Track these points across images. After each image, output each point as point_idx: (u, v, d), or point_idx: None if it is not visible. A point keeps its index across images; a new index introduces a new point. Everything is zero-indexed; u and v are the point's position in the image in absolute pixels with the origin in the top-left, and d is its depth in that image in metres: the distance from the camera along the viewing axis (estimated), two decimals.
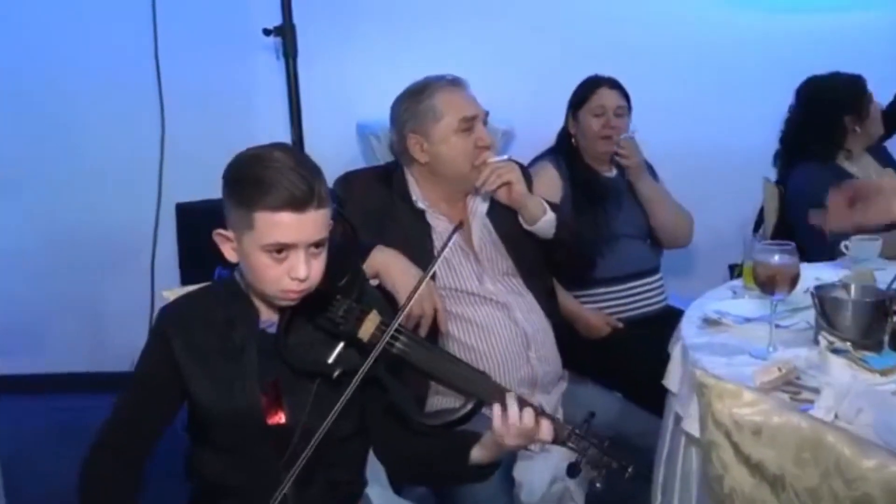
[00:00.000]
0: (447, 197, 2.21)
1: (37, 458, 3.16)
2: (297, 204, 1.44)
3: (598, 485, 1.48)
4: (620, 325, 2.67)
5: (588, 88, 2.81)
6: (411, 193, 2.19)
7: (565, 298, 2.60)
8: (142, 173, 3.22)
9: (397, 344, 1.54)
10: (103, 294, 3.68)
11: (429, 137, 2.13)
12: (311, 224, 1.47)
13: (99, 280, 3.66)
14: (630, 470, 1.47)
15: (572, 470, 1.49)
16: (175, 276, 3.05)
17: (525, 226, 2.21)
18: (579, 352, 2.43)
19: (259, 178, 1.44)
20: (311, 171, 1.48)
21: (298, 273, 1.47)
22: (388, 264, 1.94)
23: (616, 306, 2.72)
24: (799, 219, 2.73)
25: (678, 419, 1.86)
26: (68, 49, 3.43)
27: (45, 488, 2.93)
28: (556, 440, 1.48)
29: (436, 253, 1.98)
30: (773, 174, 2.97)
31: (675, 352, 1.99)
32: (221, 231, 1.53)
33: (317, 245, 1.49)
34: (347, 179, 2.24)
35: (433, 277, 2.08)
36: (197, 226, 3.09)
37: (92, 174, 3.53)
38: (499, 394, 1.51)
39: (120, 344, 3.57)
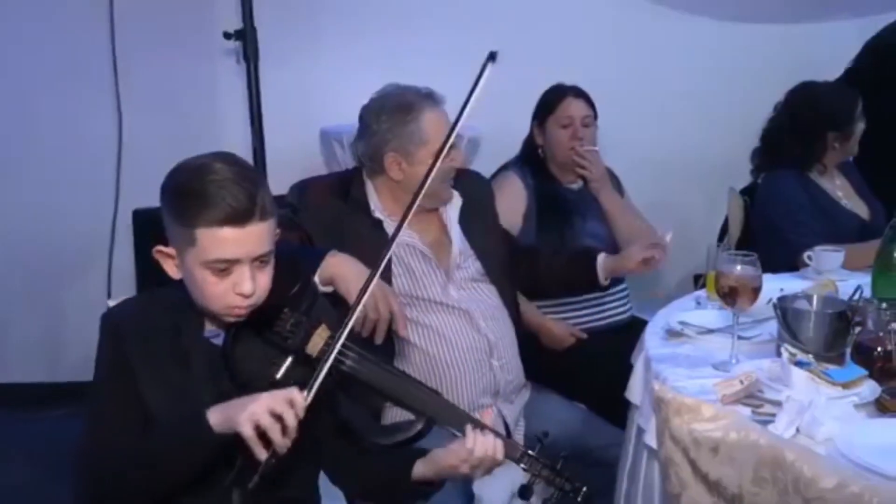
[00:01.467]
0: (415, 210, 2.17)
1: None
2: (239, 218, 1.39)
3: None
4: (584, 335, 2.64)
5: (553, 98, 2.78)
6: (369, 203, 2.16)
7: (529, 309, 2.57)
8: (98, 179, 3.14)
9: (347, 361, 1.50)
10: (59, 302, 3.59)
11: (409, 159, 2.11)
12: (255, 238, 1.42)
13: (55, 288, 3.57)
14: (584, 491, 1.45)
15: (524, 491, 1.48)
16: (132, 283, 2.98)
17: None
18: (543, 363, 2.41)
19: (198, 192, 1.39)
20: (253, 182, 1.43)
21: (244, 289, 1.43)
22: (341, 269, 1.90)
23: (580, 317, 2.68)
24: (764, 224, 2.74)
25: (640, 432, 1.84)
26: (22, 49, 3.34)
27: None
28: (510, 458, 1.47)
29: (382, 259, 1.95)
30: (739, 184, 2.96)
31: (638, 364, 1.98)
32: (162, 248, 1.48)
33: (261, 258, 1.45)
34: (302, 188, 2.21)
35: (389, 283, 2.04)
36: (155, 233, 3.00)
37: (47, 180, 3.44)
38: (450, 413, 1.50)
39: (76, 353, 3.50)
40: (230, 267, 1.42)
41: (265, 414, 1.34)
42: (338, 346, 1.45)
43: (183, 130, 3.29)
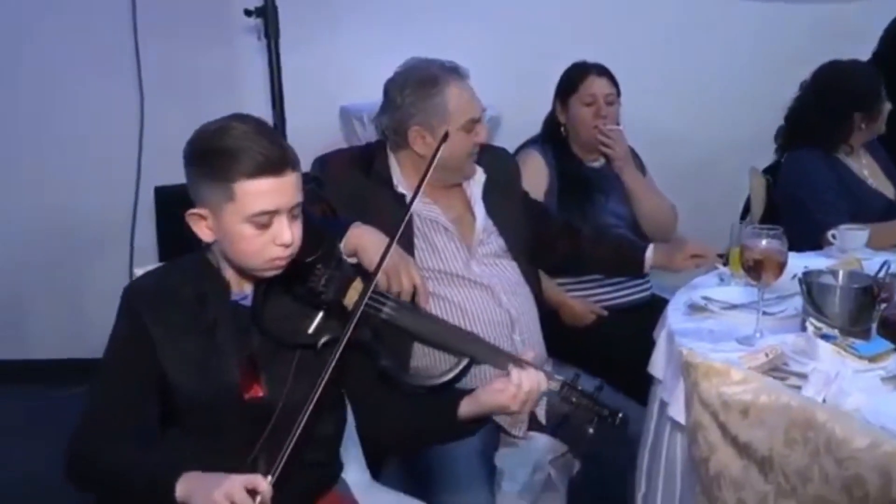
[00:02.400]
0: (438, 185, 2.17)
1: (9, 445, 3.11)
2: (275, 167, 1.42)
3: (590, 430, 1.51)
4: (605, 312, 2.63)
5: (576, 76, 2.76)
6: (392, 177, 2.15)
7: (549, 286, 2.56)
8: (120, 156, 3.15)
9: (385, 309, 1.53)
10: (82, 279, 3.61)
11: (433, 132, 2.10)
12: (290, 186, 1.45)
13: (78, 265, 3.60)
14: (620, 416, 1.50)
15: (566, 420, 1.60)
16: (154, 260, 2.99)
17: None
18: (563, 340, 2.40)
19: (230, 148, 1.42)
20: (275, 134, 1.48)
21: (284, 238, 1.45)
22: (364, 240, 1.90)
23: (601, 294, 2.68)
24: (788, 203, 2.72)
25: (663, 406, 1.83)
26: (45, 31, 3.36)
27: (22, 474, 2.89)
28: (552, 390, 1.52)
29: (402, 224, 1.95)
30: (761, 163, 2.94)
31: (661, 338, 1.97)
32: (195, 210, 1.48)
33: (295, 209, 1.48)
34: (324, 161, 2.21)
35: (412, 256, 2.04)
36: (176, 210, 3.02)
37: (70, 158, 3.47)
38: (490, 353, 1.53)
39: (99, 330, 3.49)
40: (270, 219, 1.44)
41: (225, 502, 1.32)
42: (370, 289, 1.47)
43: (204, 108, 3.26)
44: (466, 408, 1.51)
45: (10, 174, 3.52)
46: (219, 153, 1.42)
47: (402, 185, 2.15)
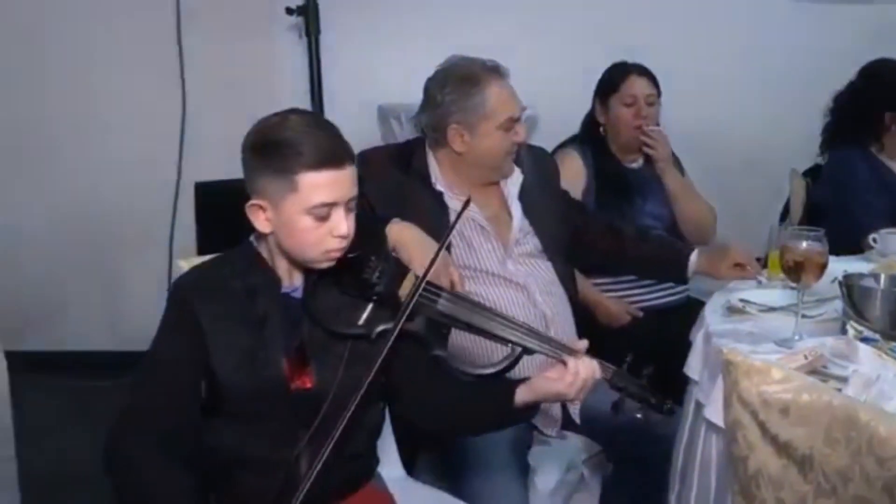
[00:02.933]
0: (476, 183, 2.18)
1: (52, 435, 3.16)
2: (336, 160, 1.46)
3: (639, 415, 1.58)
4: (640, 314, 2.63)
5: (617, 76, 2.75)
6: (430, 174, 2.16)
7: (585, 286, 2.56)
8: (162, 152, 3.20)
9: (441, 300, 1.56)
10: (122, 273, 3.67)
11: (472, 131, 2.11)
12: (349, 179, 1.49)
13: (117, 260, 3.66)
14: (668, 403, 1.58)
15: (616, 407, 1.58)
16: (193, 256, 3.03)
17: None
18: (598, 340, 2.39)
19: (293, 140, 1.45)
20: (335, 128, 1.51)
21: (341, 230, 1.49)
22: (403, 236, 1.91)
23: (637, 295, 2.68)
24: (828, 204, 2.69)
25: (699, 407, 1.82)
26: (91, 26, 3.42)
27: (59, 466, 2.94)
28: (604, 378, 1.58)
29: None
30: (802, 165, 2.91)
31: (698, 339, 1.96)
32: (256, 202, 1.50)
33: (351, 202, 1.51)
34: (363, 157, 2.22)
35: (449, 252, 2.06)
36: (215, 205, 3.09)
37: (112, 153, 3.53)
38: (543, 343, 1.57)
39: (137, 324, 3.55)
40: (328, 211, 1.47)
41: None
42: (423, 281, 1.51)
43: (244, 104, 3.31)
44: (521, 395, 1.54)
45: (52, 168, 3.59)
46: (282, 145, 1.45)
47: (441, 182, 2.16)
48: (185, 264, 1.98)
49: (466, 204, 1.62)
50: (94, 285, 3.70)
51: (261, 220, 1.51)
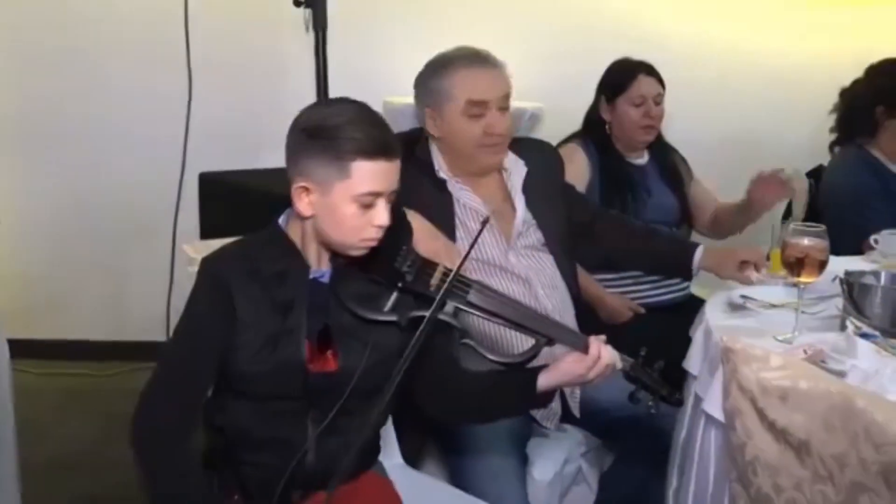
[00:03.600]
0: (468, 171, 2.18)
1: (52, 423, 3.18)
2: (390, 151, 1.50)
3: (652, 409, 1.67)
4: (642, 310, 2.64)
5: (625, 75, 2.74)
6: (433, 163, 2.17)
7: (588, 282, 2.57)
8: (166, 142, 3.19)
9: (471, 291, 1.60)
10: (125, 263, 3.69)
11: (441, 115, 2.11)
12: (395, 172, 1.53)
13: (121, 248, 3.67)
14: (678, 394, 1.71)
15: (632, 397, 1.67)
16: (197, 250, 3.04)
17: None
18: (599, 335, 2.40)
19: (351, 128, 1.47)
20: (384, 119, 1.55)
21: (382, 220, 1.52)
22: (413, 226, 1.92)
23: (638, 292, 2.68)
24: (830, 206, 2.70)
25: (697, 400, 1.83)
26: (97, 16, 3.43)
27: (58, 452, 2.95)
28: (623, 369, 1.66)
29: (458, 223, 2.04)
30: (807, 166, 2.92)
31: (698, 334, 1.97)
32: (303, 184, 1.51)
33: (393, 194, 1.54)
34: None
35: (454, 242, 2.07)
36: (219, 196, 3.11)
37: (117, 142, 3.55)
38: (565, 333, 1.65)
39: (139, 313, 3.60)
40: (374, 200, 1.50)
41: None
42: (455, 273, 1.57)
43: (250, 97, 3.36)
44: (543, 381, 1.61)
45: (57, 156, 3.60)
46: (338, 130, 1.47)
47: (443, 170, 2.16)
48: (189, 249, 2.00)
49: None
50: (97, 275, 3.72)
51: (303, 203, 1.52)
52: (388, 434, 1.98)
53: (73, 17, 3.46)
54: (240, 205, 2.89)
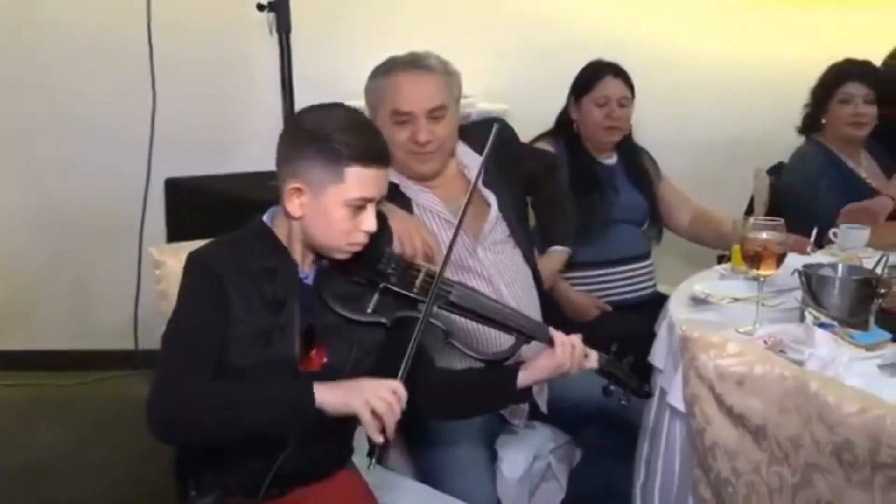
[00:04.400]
0: (414, 178, 2.17)
1: (21, 432, 3.15)
2: (383, 159, 1.54)
3: (623, 402, 1.73)
4: (609, 308, 2.66)
5: (592, 76, 2.77)
6: None
7: (554, 280, 2.58)
8: (131, 148, 3.17)
9: (454, 291, 1.64)
10: (91, 270, 3.66)
11: (377, 118, 2.11)
12: (386, 179, 1.57)
13: (87, 256, 3.64)
14: (647, 387, 1.78)
15: (607, 391, 1.73)
16: (163, 253, 3.02)
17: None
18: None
19: (348, 133, 1.49)
20: (378, 129, 1.59)
21: (370, 226, 1.54)
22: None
23: (605, 289, 2.71)
24: (789, 203, 2.76)
25: (663, 394, 1.86)
26: (57, 21, 3.41)
27: (30, 463, 2.92)
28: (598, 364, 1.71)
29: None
30: (768, 164, 2.98)
31: (662, 329, 2.00)
32: (296, 184, 1.52)
33: (382, 200, 1.58)
34: None
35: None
36: (186, 202, 3.09)
37: (81, 148, 3.52)
38: (540, 330, 1.70)
39: (106, 321, 3.56)
40: (364, 206, 1.52)
41: (379, 401, 1.41)
42: (440, 276, 1.61)
43: (215, 101, 3.34)
44: (523, 378, 1.66)
45: (20, 163, 3.56)
46: (335, 134, 1.49)
47: (393, 173, 2.14)
48: (155, 251, 1.99)
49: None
50: (63, 283, 3.68)
51: (294, 204, 1.53)
52: (360, 433, 1.98)
53: (36, 23, 3.43)
54: (206, 210, 2.89)
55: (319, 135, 1.50)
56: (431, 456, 2.00)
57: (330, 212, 1.51)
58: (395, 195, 2.11)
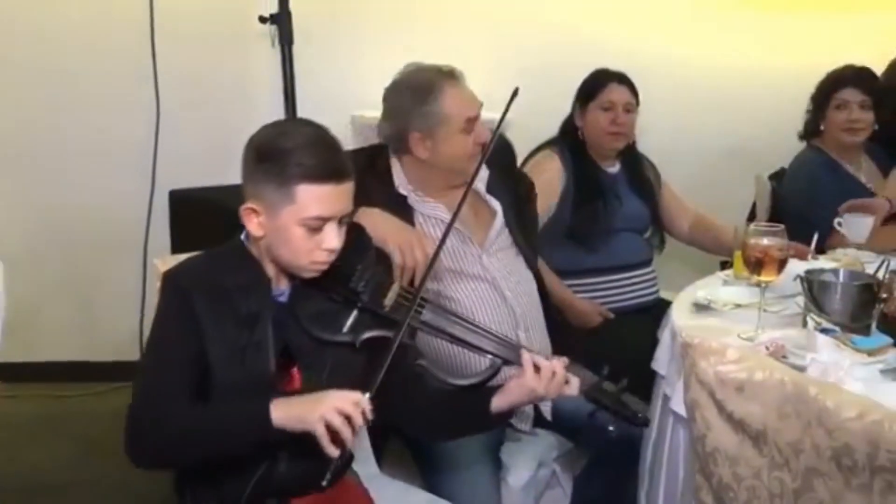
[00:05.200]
0: (443, 187, 2.20)
1: (25, 446, 3.14)
2: (338, 176, 1.48)
3: (611, 428, 1.58)
4: (612, 315, 2.67)
5: (597, 83, 2.80)
6: (394, 179, 2.18)
7: (558, 287, 2.60)
8: (136, 160, 3.20)
9: (425, 312, 1.60)
10: (95, 282, 3.66)
11: (433, 137, 2.13)
12: (346, 195, 1.52)
13: (91, 269, 3.64)
14: (640, 415, 1.58)
15: (593, 416, 1.61)
16: (168, 264, 3.04)
17: None
18: (569, 340, 2.43)
19: (297, 152, 1.47)
20: (338, 142, 1.53)
21: (332, 244, 1.50)
22: (376, 221, 1.94)
23: (608, 296, 2.72)
24: (790, 208, 2.76)
25: (666, 400, 1.86)
26: (63, 34, 3.42)
27: (34, 476, 2.93)
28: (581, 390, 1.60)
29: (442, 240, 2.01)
30: (770, 170, 2.99)
31: (665, 335, 2.01)
32: (251, 205, 1.52)
33: (346, 216, 1.53)
34: None
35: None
36: (190, 213, 3.10)
37: (86, 161, 3.52)
38: (516, 352, 1.60)
39: (111, 333, 3.57)
40: (323, 224, 1.49)
41: (336, 415, 1.38)
42: (419, 294, 1.57)
43: (218, 113, 3.35)
44: (497, 403, 1.59)
45: (26, 176, 3.57)
46: (285, 155, 1.47)
47: (404, 186, 2.17)
48: (160, 263, 2.00)
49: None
50: (68, 295, 3.68)
51: (253, 224, 1.52)
52: (364, 443, 2.00)
53: (42, 36, 3.45)
54: (211, 221, 2.88)
55: (268, 154, 1.48)
56: (436, 467, 2.01)
57: (287, 231, 1.49)
58: (401, 206, 2.13)
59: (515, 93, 1.63)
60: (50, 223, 3.59)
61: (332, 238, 1.50)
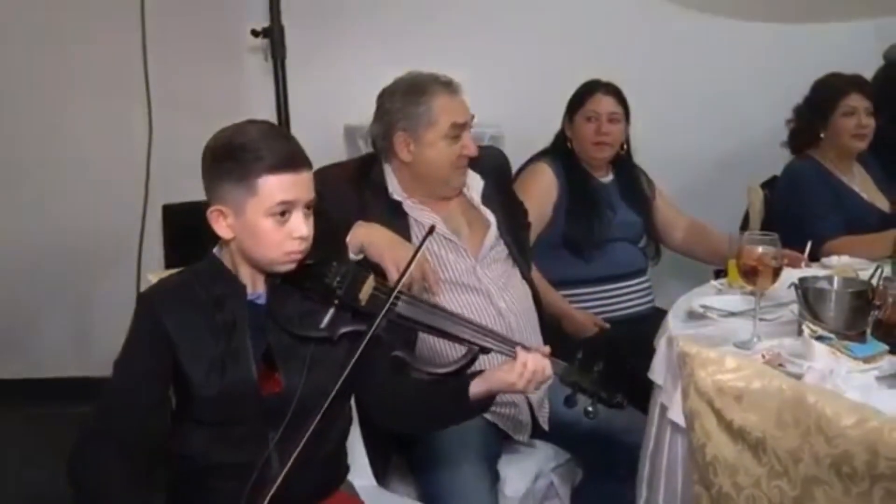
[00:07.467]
0: (437, 196, 2.21)
1: (20, 465, 3.12)
2: (295, 164, 1.53)
3: (589, 409, 1.61)
4: (607, 325, 2.67)
5: (584, 93, 2.82)
6: (388, 185, 2.19)
7: (554, 297, 2.60)
8: (129, 175, 3.18)
9: (399, 304, 1.62)
10: (89, 298, 3.65)
11: (417, 140, 2.13)
12: (306, 183, 1.55)
13: (85, 284, 3.63)
14: (618, 397, 1.62)
15: (569, 401, 1.64)
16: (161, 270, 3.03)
17: None
18: (565, 350, 2.42)
19: (252, 146, 1.51)
20: (290, 135, 1.59)
21: (301, 231, 1.53)
22: (371, 236, 1.95)
23: (603, 306, 2.72)
24: (783, 216, 2.77)
25: (663, 410, 1.86)
26: (55, 49, 3.42)
27: (23, 492, 2.90)
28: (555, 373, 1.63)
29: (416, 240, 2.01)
30: (762, 178, 3.00)
31: (661, 344, 2.00)
32: (217, 207, 1.54)
33: (309, 205, 1.56)
34: (324, 175, 2.22)
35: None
36: (184, 228, 3.09)
37: (78, 175, 3.52)
38: (499, 341, 1.63)
39: (106, 348, 3.53)
40: (288, 212, 1.52)
41: None
42: (397, 288, 1.59)
43: (211, 127, 3.33)
44: (475, 388, 1.60)
45: (18, 191, 3.56)
46: (241, 151, 1.51)
47: (398, 192, 2.18)
48: (153, 277, 1.99)
49: (430, 231, 1.68)
50: (62, 310, 3.67)
51: (222, 227, 1.55)
52: (359, 454, 1.99)
53: (34, 54, 3.44)
54: (205, 235, 2.88)
55: (225, 154, 1.53)
56: (433, 478, 2.00)
57: (256, 225, 1.52)
58: (395, 213, 2.13)
59: (431, 230, 1.68)
60: (44, 238, 3.58)
61: (300, 225, 1.53)
